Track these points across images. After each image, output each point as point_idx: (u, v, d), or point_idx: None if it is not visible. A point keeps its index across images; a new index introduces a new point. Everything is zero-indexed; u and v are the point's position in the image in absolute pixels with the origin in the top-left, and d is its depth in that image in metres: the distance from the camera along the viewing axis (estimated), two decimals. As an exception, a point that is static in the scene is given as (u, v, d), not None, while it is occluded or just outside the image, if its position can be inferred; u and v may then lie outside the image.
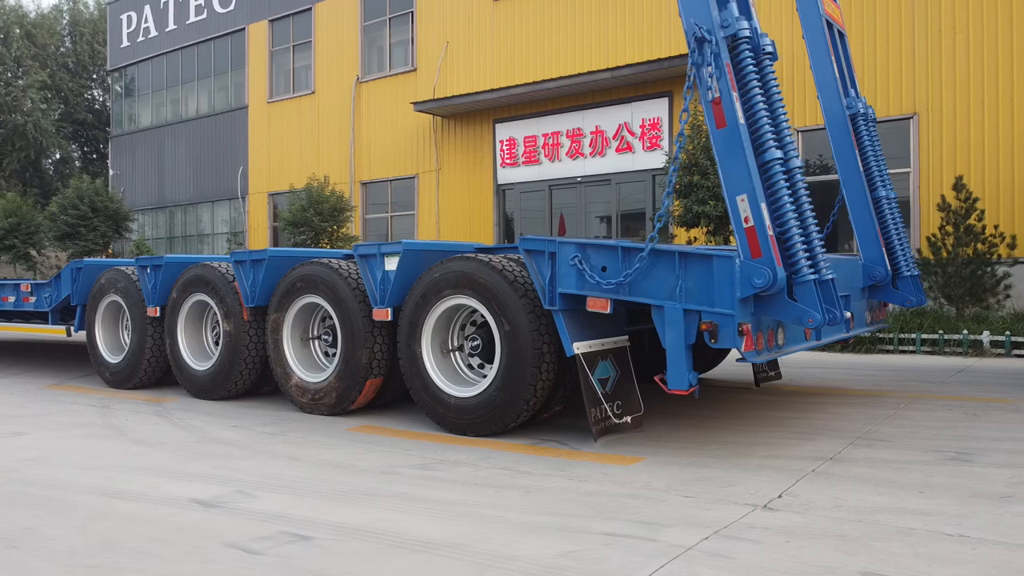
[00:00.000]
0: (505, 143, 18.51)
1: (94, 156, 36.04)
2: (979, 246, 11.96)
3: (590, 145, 17.33)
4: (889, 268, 6.82)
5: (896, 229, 7.05)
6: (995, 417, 6.00)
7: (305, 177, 19.38)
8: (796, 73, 14.26)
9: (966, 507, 3.74)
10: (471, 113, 18.96)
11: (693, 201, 12.68)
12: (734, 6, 4.77)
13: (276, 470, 4.70)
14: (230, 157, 24.13)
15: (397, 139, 20.47)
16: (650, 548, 3.22)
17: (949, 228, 12.17)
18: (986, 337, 10.24)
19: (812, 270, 4.68)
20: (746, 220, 4.53)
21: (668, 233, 15.71)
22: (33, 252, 22.75)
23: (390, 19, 20.78)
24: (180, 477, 4.54)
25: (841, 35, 7.27)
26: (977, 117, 13.08)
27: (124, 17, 27.56)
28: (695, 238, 14.00)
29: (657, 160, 16.13)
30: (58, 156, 35.73)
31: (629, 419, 5.34)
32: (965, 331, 10.41)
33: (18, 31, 33.40)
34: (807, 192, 4.97)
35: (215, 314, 7.28)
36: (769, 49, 4.99)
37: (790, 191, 4.83)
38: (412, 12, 20.16)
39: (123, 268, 8.09)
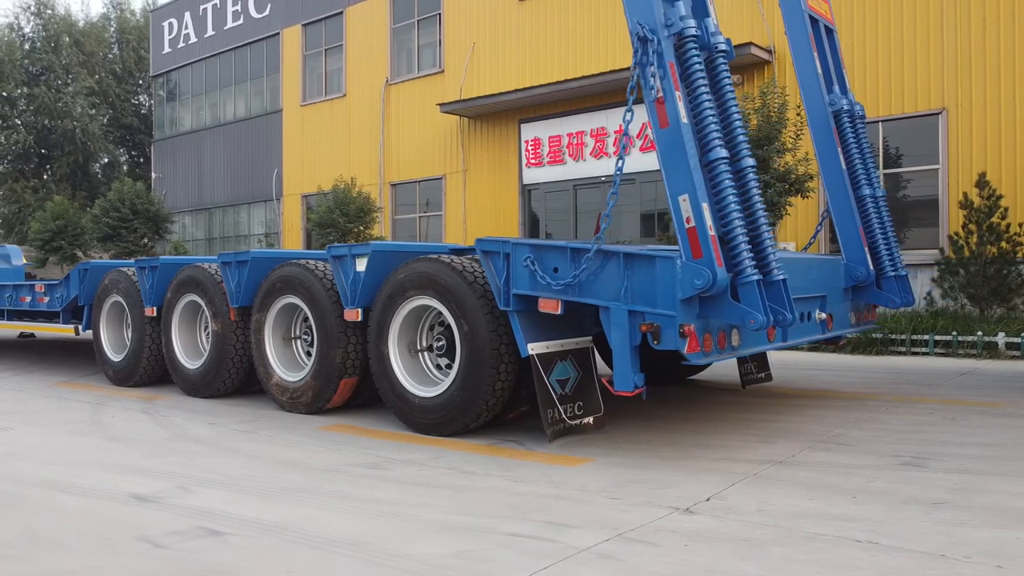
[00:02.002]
0: (530, 143, 18.52)
1: (141, 160, 37.02)
2: (1003, 245, 11.61)
3: (614, 144, 17.23)
4: (872, 268, 6.66)
5: (882, 228, 6.87)
6: (973, 421, 5.83)
7: (337, 179, 19.65)
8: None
9: (892, 513, 3.65)
10: (497, 113, 19.02)
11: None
12: (681, 5, 4.71)
13: (230, 467, 4.80)
14: (266, 159, 24.59)
15: (425, 140, 20.63)
16: (546, 549, 3.22)
17: (972, 226, 11.85)
18: (1001, 339, 9.92)
19: (756, 271, 4.61)
20: (688, 220, 4.49)
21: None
22: (79, 253, 23.44)
23: (418, 21, 20.96)
24: (134, 473, 4.67)
25: (828, 31, 7.13)
26: (1008, 112, 12.67)
27: (166, 24, 28.27)
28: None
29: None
30: (106, 160, 36.76)
31: (591, 420, 5.33)
32: (979, 332, 10.11)
33: (67, 39, 34.50)
34: (759, 191, 4.90)
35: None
36: (723, 47, 4.94)
37: (738, 191, 4.76)
38: (440, 14, 20.31)
39: (125, 269, 8.32)
